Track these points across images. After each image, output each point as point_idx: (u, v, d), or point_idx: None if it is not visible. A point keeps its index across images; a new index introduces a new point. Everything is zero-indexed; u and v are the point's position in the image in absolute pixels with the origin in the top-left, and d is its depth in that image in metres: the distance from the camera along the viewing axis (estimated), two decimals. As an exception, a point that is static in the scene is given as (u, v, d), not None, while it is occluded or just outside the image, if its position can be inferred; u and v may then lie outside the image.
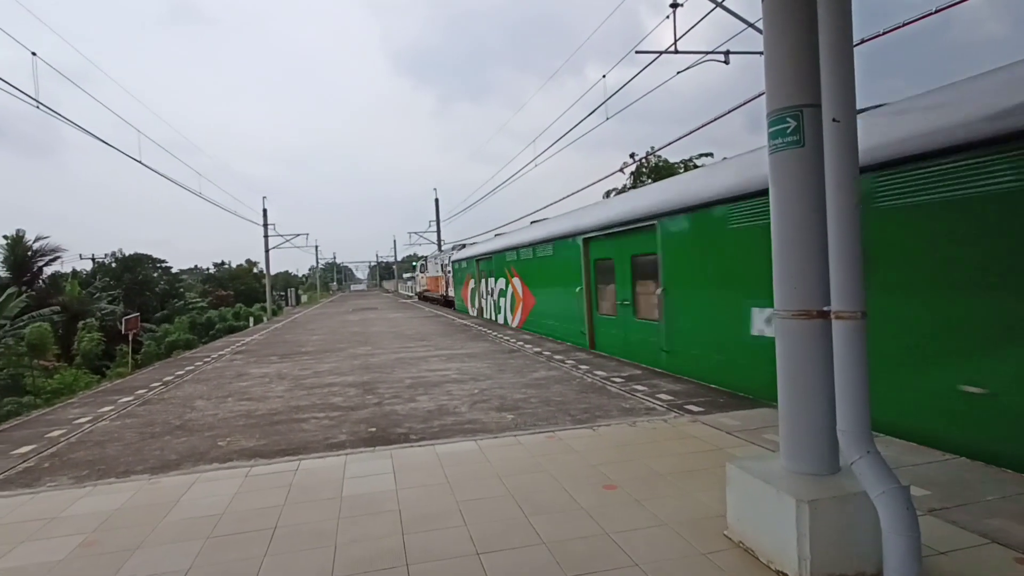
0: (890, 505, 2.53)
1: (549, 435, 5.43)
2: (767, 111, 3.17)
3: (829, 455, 2.99)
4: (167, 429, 6.36)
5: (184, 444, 5.72)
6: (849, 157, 2.75)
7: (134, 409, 7.54)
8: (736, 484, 3.24)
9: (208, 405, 7.54)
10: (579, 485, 4.15)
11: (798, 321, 3.01)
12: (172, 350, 29.67)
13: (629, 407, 6.32)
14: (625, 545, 3.23)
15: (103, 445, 5.83)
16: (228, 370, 10.76)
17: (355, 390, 8.08)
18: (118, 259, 48.13)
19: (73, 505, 4.25)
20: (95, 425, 6.71)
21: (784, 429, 3.12)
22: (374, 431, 5.87)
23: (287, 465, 4.91)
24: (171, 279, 53.85)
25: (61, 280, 38.66)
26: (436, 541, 3.40)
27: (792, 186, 3.05)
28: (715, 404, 6.24)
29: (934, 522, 3.27)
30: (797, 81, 3.03)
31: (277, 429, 6.13)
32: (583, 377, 8.12)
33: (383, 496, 4.12)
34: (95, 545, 3.57)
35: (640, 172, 36.69)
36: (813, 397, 2.99)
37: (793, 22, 3.04)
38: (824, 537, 2.70)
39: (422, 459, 4.91)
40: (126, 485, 4.63)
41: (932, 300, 4.69)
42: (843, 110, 2.75)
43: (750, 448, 4.78)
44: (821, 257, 2.89)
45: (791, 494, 2.78)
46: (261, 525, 3.73)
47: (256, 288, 63.88)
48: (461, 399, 7.13)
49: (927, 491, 3.68)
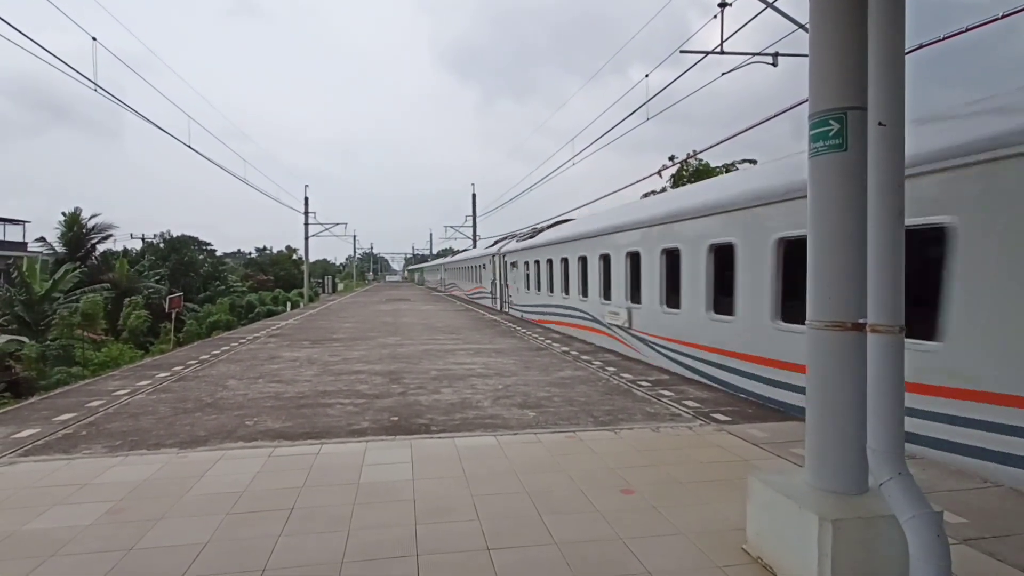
0: (920, 530, 2.40)
1: (570, 435, 5.37)
2: (809, 113, 3.05)
3: (857, 474, 2.86)
4: (199, 406, 6.55)
5: (213, 421, 5.88)
6: (895, 163, 2.62)
7: (170, 385, 7.79)
8: (758, 497, 3.13)
9: (239, 385, 7.74)
10: (596, 487, 4.09)
11: (831, 332, 2.88)
12: (212, 330, 30.66)
13: (654, 412, 6.21)
14: (639, 552, 3.17)
15: (138, 418, 6.04)
16: (261, 352, 11.03)
17: (381, 379, 8.17)
18: (166, 240, 49.91)
19: (105, 473, 4.41)
20: (132, 398, 6.97)
21: (811, 444, 3.00)
22: (396, 420, 5.92)
23: (309, 448, 5.00)
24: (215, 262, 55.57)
25: (112, 258, 40.33)
26: (448, 533, 3.39)
27: (832, 191, 2.92)
28: (743, 414, 6.07)
29: (969, 552, 3.10)
30: (842, 82, 2.90)
31: (303, 412, 6.24)
32: (609, 379, 8.02)
33: (400, 485, 4.15)
34: (121, 513, 3.69)
35: (680, 175, 36.08)
36: (843, 412, 2.86)
37: (841, 21, 2.90)
38: (847, 559, 2.59)
39: (441, 451, 4.92)
40: (156, 457, 4.78)
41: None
42: (891, 114, 2.62)
43: (776, 461, 4.63)
44: (859, 267, 2.77)
45: (814, 512, 2.67)
46: (279, 505, 3.79)
47: (295, 274, 65.39)
48: (484, 393, 7.13)
49: (964, 519, 3.49)
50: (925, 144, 4.94)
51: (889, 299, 2.61)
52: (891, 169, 2.63)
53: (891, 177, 2.62)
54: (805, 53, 3.32)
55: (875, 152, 2.66)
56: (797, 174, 6.39)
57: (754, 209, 7.54)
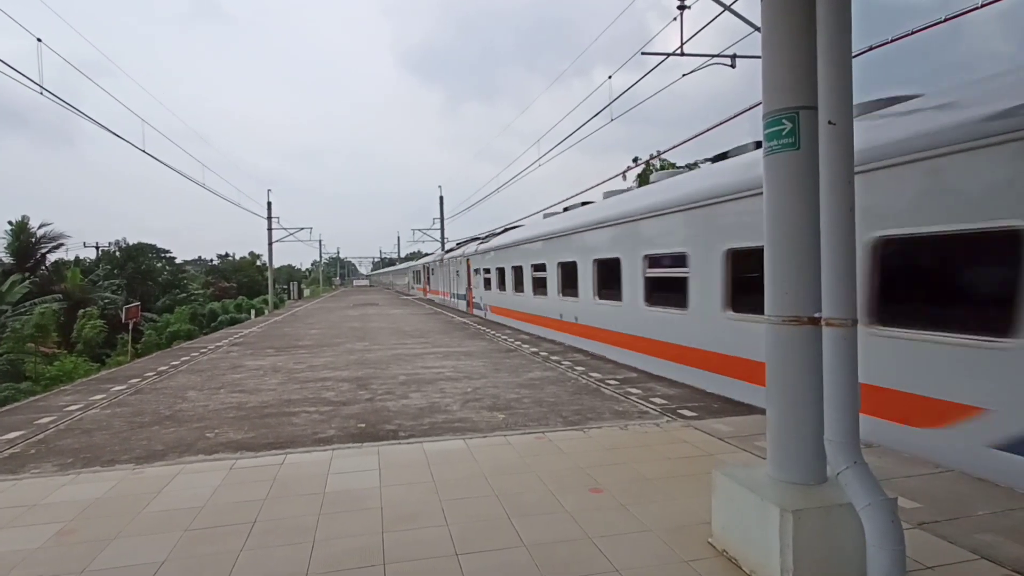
0: (875, 517, 2.47)
1: (539, 436, 5.37)
2: (763, 112, 3.11)
3: (816, 465, 2.92)
4: (156, 419, 6.32)
5: (172, 435, 5.68)
6: (844, 160, 2.69)
7: (126, 398, 7.51)
8: (722, 491, 3.18)
9: (200, 396, 7.50)
10: (565, 487, 4.09)
11: (788, 327, 2.94)
12: (173, 340, 29.73)
13: (622, 410, 6.26)
14: (607, 550, 3.18)
15: (91, 433, 5.80)
16: (223, 362, 10.74)
17: (348, 385, 8.04)
18: (122, 248, 48.24)
19: (55, 493, 4.22)
20: (85, 413, 6.69)
21: (771, 437, 3.06)
22: (363, 427, 5.83)
23: (273, 459, 4.87)
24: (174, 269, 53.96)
25: (64, 267, 38.75)
26: (415, 540, 3.35)
27: (786, 189, 2.99)
28: (708, 409, 6.17)
29: (923, 536, 3.21)
30: (794, 83, 2.96)
31: (266, 422, 6.09)
32: (578, 378, 8.06)
33: (366, 493, 4.07)
34: (72, 534, 3.53)
35: (646, 175, 36.63)
36: (801, 405, 2.92)
37: (792, 24, 2.97)
38: (808, 548, 2.64)
39: (409, 457, 4.86)
40: (110, 474, 4.59)
41: None
42: (839, 113, 2.69)
43: (740, 455, 4.71)
44: (813, 262, 2.83)
45: (776, 503, 2.72)
46: (241, 519, 3.68)
47: (259, 281, 63.97)
48: (454, 397, 7.08)
49: (918, 504, 3.61)
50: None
51: (842, 293, 2.67)
52: (841, 166, 2.69)
53: (841, 174, 2.69)
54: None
55: (826, 150, 2.73)
56: (619, 206, 10.64)
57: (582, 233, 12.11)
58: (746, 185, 6.84)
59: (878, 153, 5.06)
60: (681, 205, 8.31)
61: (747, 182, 6.80)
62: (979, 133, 4.30)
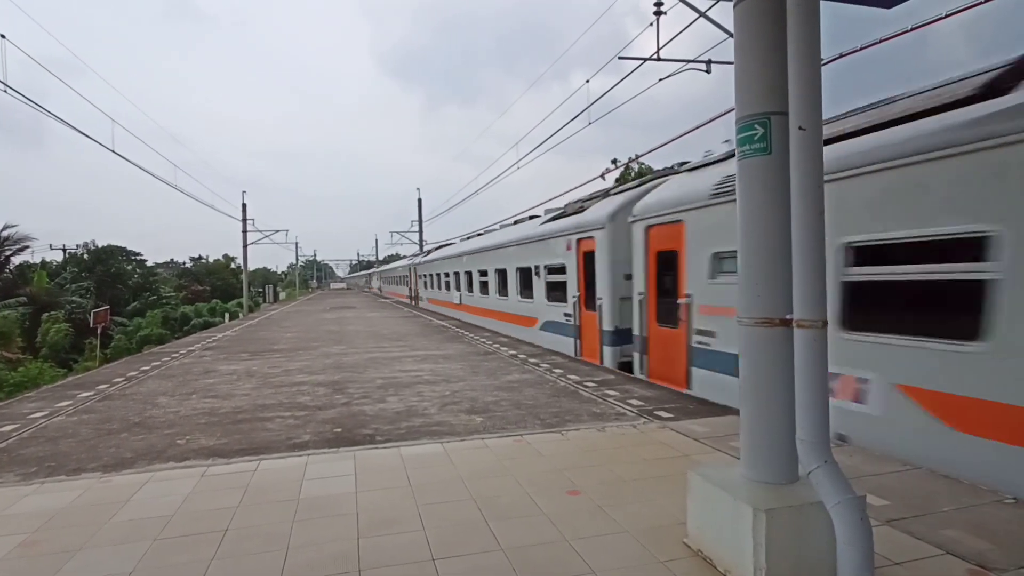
0: (844, 515, 2.52)
1: (517, 439, 5.37)
2: (736, 117, 3.16)
3: (788, 464, 2.97)
4: (125, 426, 6.16)
5: (141, 442, 5.55)
6: (814, 165, 2.75)
7: (93, 405, 7.31)
8: (697, 492, 3.21)
9: (171, 402, 7.34)
10: (543, 490, 4.09)
11: (761, 329, 2.99)
12: (143, 345, 29.03)
13: (600, 412, 6.29)
14: (584, 552, 3.19)
15: (56, 441, 5.63)
16: (196, 366, 10.52)
17: (324, 389, 7.94)
18: (90, 251, 46.98)
19: (17, 503, 4.08)
20: (50, 420, 6.49)
21: (745, 437, 3.11)
22: (339, 431, 5.76)
23: (246, 465, 4.78)
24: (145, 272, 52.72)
25: (29, 271, 37.60)
26: (391, 546, 3.31)
27: (758, 193, 3.04)
28: (685, 411, 6.24)
29: (891, 532, 3.28)
30: (766, 88, 3.02)
31: (240, 428, 5.98)
32: (556, 381, 8.08)
33: (342, 499, 4.02)
34: (35, 545, 3.42)
35: (624, 178, 36.94)
36: (774, 405, 2.97)
37: (763, 31, 3.02)
38: (780, 547, 2.68)
39: (386, 461, 4.81)
40: (76, 483, 4.46)
41: None
42: (809, 119, 2.75)
43: (716, 455, 4.77)
44: (785, 265, 2.88)
45: (748, 503, 2.76)
46: (212, 527, 3.61)
47: (233, 284, 62.87)
48: (431, 400, 7.04)
49: (887, 501, 3.70)
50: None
51: (812, 295, 2.73)
52: (811, 171, 2.75)
53: (811, 179, 2.75)
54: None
55: (796, 155, 2.78)
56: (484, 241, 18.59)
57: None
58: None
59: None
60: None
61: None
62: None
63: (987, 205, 4.08)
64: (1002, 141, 3.97)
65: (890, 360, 4.76)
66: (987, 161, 4.08)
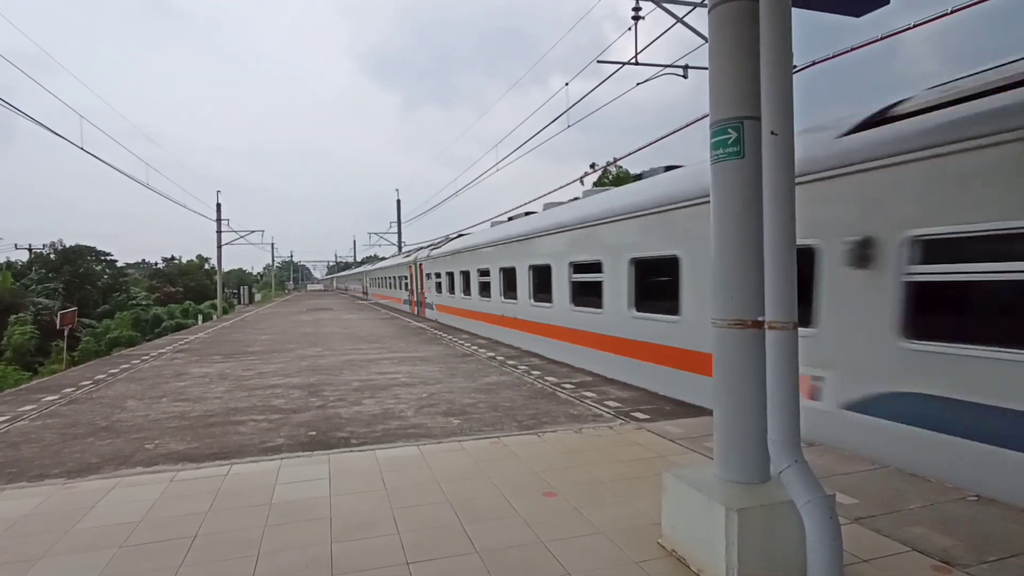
0: (814, 514, 2.56)
1: (494, 441, 5.35)
2: (710, 122, 3.20)
3: (760, 464, 3.01)
4: (92, 430, 5.99)
5: (108, 447, 5.40)
6: (786, 169, 2.79)
7: (58, 408, 7.10)
8: (671, 492, 3.24)
9: (140, 406, 7.16)
10: (519, 492, 4.08)
11: (733, 330, 3.03)
12: (113, 347, 28.32)
13: (577, 413, 6.31)
14: (559, 553, 3.18)
15: (17, 447, 5.45)
16: (167, 369, 10.29)
17: (299, 392, 7.82)
18: (57, 250, 45.70)
19: (-26, 511, 3.93)
20: (12, 425, 6.28)
21: (718, 437, 3.14)
22: (314, 435, 5.68)
23: (217, 470, 4.69)
24: (115, 273, 51.46)
25: (-8, 271, 36.45)
26: (366, 550, 3.27)
27: (731, 197, 3.08)
28: (661, 412, 6.29)
29: (859, 530, 3.35)
30: (739, 93, 3.06)
31: (211, 432, 5.86)
32: (534, 383, 8.08)
33: (316, 502, 3.96)
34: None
35: (602, 181, 37.18)
36: (746, 406, 3.01)
37: (737, 37, 3.07)
38: (752, 546, 2.71)
39: (361, 465, 4.75)
40: (37, 490, 4.32)
41: None
42: (781, 124, 2.79)
43: (690, 456, 4.82)
44: (757, 267, 2.92)
45: (721, 503, 2.79)
46: (181, 533, 3.52)
47: (207, 285, 61.72)
48: (408, 403, 6.98)
49: (855, 499, 3.77)
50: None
51: (783, 297, 2.77)
52: (783, 175, 2.79)
53: (783, 183, 2.79)
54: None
55: (768, 159, 2.82)
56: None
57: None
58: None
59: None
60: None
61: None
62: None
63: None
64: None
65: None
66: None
